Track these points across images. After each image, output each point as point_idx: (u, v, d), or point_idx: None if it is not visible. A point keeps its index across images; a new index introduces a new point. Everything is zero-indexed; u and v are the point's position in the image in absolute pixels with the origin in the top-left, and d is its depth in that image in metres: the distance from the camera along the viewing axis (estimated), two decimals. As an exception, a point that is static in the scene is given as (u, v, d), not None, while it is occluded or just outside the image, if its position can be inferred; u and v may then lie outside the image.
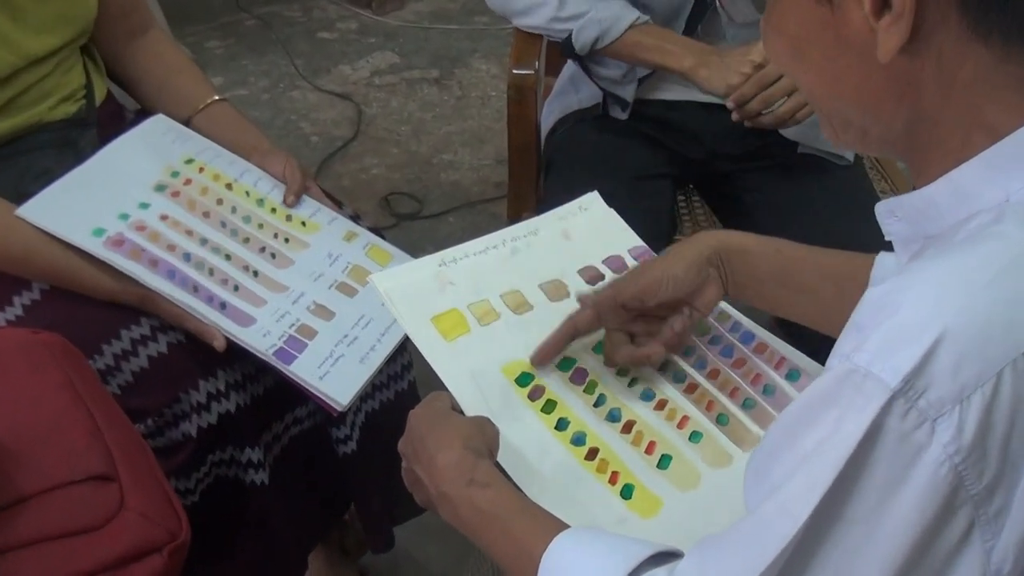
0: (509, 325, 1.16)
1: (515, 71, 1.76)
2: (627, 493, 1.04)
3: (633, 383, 1.14)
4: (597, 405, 1.12)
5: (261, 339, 1.34)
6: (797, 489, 0.69)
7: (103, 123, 1.57)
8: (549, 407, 1.10)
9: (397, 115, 3.30)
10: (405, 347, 1.51)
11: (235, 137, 1.58)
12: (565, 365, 1.14)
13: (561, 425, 1.09)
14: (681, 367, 1.17)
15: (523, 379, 1.12)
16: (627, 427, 1.10)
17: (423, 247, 2.66)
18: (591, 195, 1.33)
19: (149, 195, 1.46)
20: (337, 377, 1.34)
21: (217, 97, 1.62)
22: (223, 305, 1.36)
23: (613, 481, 1.05)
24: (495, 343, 1.14)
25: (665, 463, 1.07)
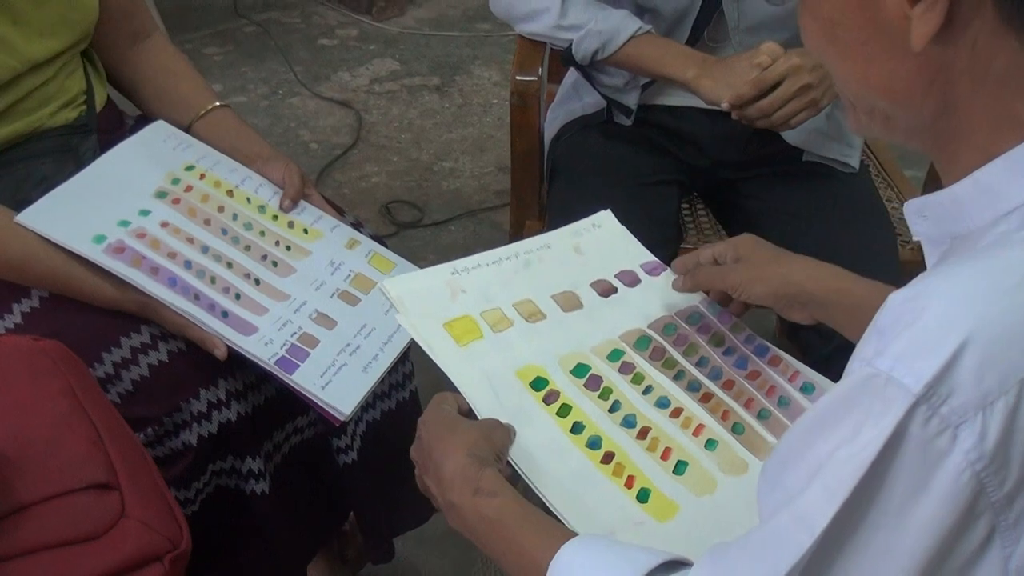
0: (521, 332, 1.17)
1: (518, 78, 1.75)
2: (643, 497, 1.05)
3: (648, 391, 1.15)
4: (612, 411, 1.12)
5: (263, 348, 1.33)
6: (814, 498, 0.68)
7: (103, 129, 1.56)
8: (564, 411, 1.10)
9: (397, 122, 3.30)
10: (407, 356, 1.50)
11: (236, 143, 1.57)
12: (579, 371, 1.14)
13: (576, 429, 1.09)
14: (696, 377, 1.17)
15: (538, 383, 1.12)
16: (642, 433, 1.10)
17: (424, 255, 2.65)
18: (604, 213, 1.34)
19: (150, 202, 1.45)
20: (339, 386, 1.33)
21: (218, 103, 1.61)
22: (225, 313, 1.35)
23: (629, 485, 1.05)
24: (509, 349, 1.15)
25: (681, 469, 1.08)
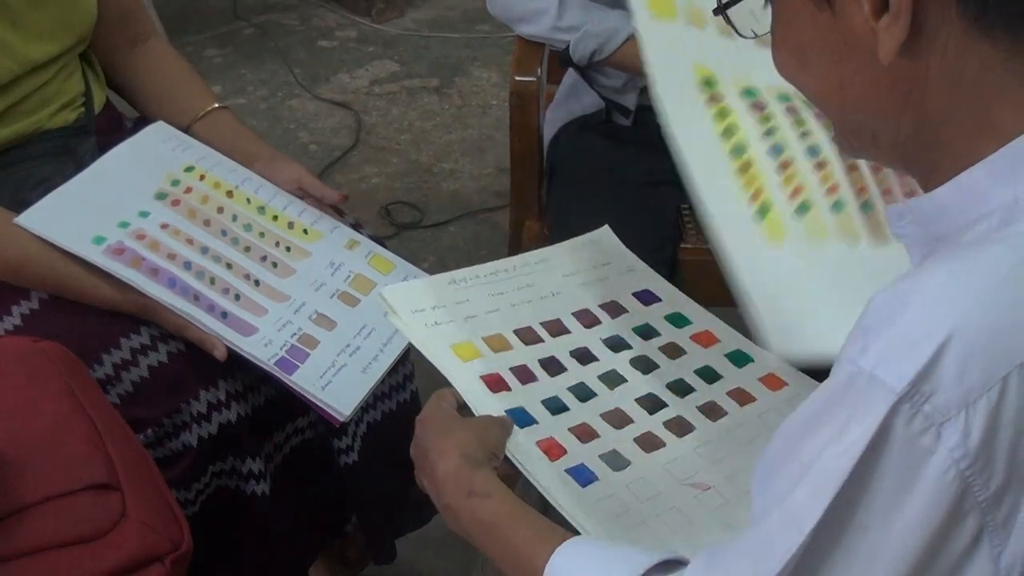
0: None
1: (517, 78, 1.76)
2: (763, 212, 1.16)
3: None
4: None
5: (263, 349, 1.33)
6: (803, 498, 0.69)
7: (102, 131, 1.56)
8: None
9: (397, 124, 3.30)
10: (407, 357, 1.50)
11: (236, 144, 1.57)
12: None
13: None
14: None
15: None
16: (784, 164, 1.21)
17: (424, 257, 2.66)
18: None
19: (149, 203, 1.45)
20: (339, 387, 1.33)
21: (217, 105, 1.61)
22: (224, 314, 1.35)
23: (755, 199, 1.17)
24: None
25: (804, 209, 1.18)
